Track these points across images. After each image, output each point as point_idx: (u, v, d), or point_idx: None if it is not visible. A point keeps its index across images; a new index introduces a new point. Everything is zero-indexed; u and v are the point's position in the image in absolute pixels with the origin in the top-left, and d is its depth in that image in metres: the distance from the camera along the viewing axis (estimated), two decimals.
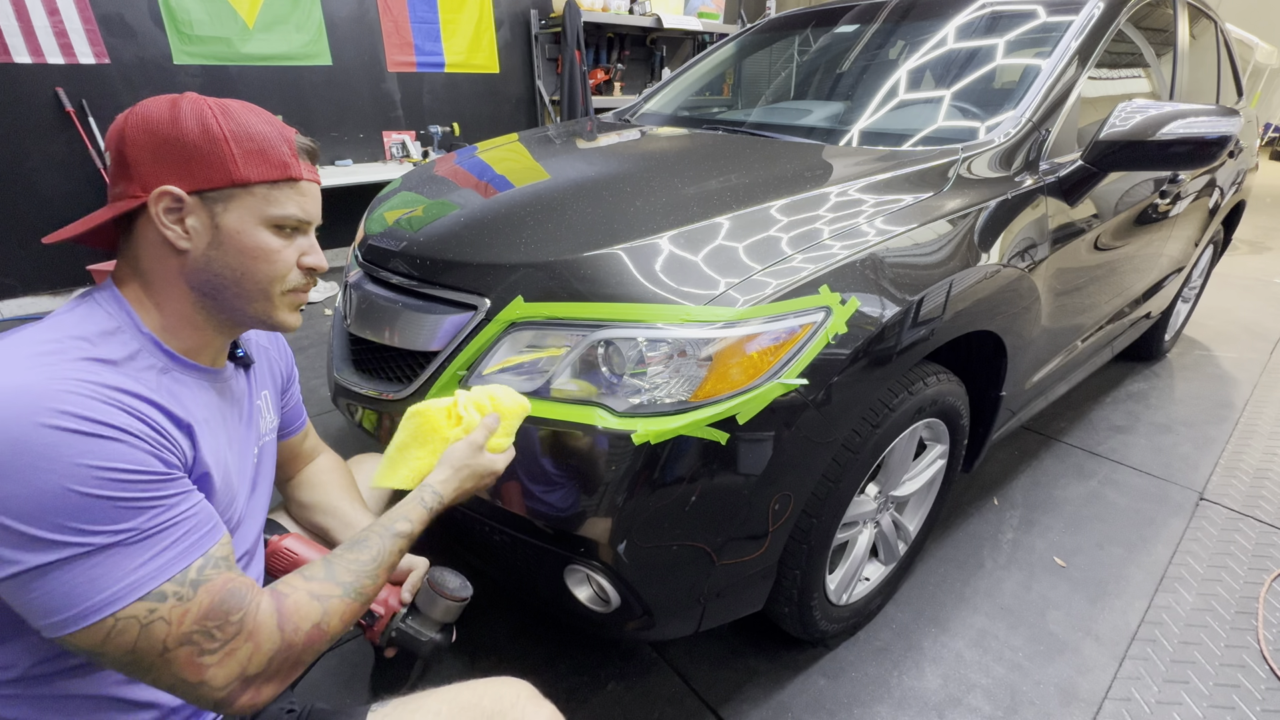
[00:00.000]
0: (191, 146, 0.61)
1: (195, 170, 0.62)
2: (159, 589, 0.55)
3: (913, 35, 1.81)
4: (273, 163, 0.65)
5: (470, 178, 1.51)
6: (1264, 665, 1.37)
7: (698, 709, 1.25)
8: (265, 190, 0.65)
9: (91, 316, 0.62)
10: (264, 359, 0.87)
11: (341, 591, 0.66)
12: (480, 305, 1.04)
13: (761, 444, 0.95)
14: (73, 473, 0.51)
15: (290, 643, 0.62)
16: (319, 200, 0.71)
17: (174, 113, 0.62)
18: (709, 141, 1.62)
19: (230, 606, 0.58)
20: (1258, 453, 2.17)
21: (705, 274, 1.00)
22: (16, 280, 3.05)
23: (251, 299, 0.67)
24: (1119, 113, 1.37)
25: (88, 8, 2.85)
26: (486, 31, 4.16)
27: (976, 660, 1.37)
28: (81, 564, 0.51)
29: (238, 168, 0.63)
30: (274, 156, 0.65)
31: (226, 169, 0.62)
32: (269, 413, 0.86)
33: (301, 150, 0.68)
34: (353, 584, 0.68)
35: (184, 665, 0.56)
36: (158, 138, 0.61)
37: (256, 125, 0.65)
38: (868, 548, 1.36)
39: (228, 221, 0.64)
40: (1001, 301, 1.28)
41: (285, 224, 0.67)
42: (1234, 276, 4.15)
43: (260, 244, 0.65)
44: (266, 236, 0.66)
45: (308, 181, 0.69)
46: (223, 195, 0.63)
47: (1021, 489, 1.94)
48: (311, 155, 0.70)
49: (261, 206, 0.65)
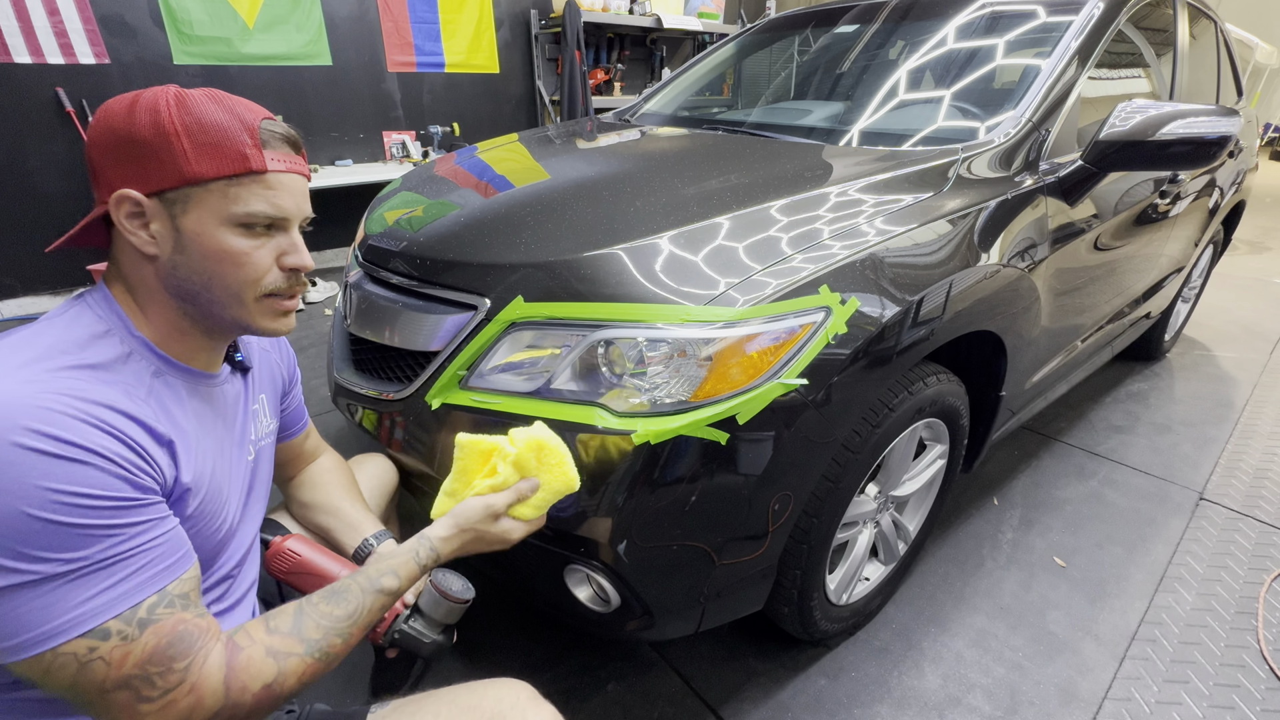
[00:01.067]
0: (143, 145, 0.57)
1: (149, 170, 0.57)
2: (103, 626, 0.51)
3: (913, 35, 1.81)
4: (228, 156, 0.59)
5: (470, 178, 1.51)
6: (1264, 665, 1.37)
7: (698, 709, 1.25)
8: (223, 187, 0.59)
9: (81, 319, 0.60)
10: (264, 362, 0.86)
11: (304, 650, 0.61)
12: (480, 305, 1.04)
13: (761, 444, 0.95)
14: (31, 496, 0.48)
15: (236, 702, 0.57)
16: (299, 193, 0.65)
17: (130, 110, 0.58)
18: (709, 142, 1.62)
19: (177, 652, 0.54)
20: (1257, 453, 2.17)
21: (705, 274, 1.00)
22: (16, 280, 3.05)
23: (224, 305, 0.63)
24: (1119, 113, 1.37)
25: (88, 8, 2.85)
26: (486, 31, 4.16)
27: (976, 660, 1.37)
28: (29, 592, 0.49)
29: (190, 164, 0.57)
30: (230, 149, 0.59)
31: (179, 166, 0.57)
32: (266, 416, 0.84)
33: (273, 138, 0.62)
34: (319, 642, 0.62)
35: (121, 710, 0.53)
36: (114, 138, 0.58)
37: (212, 115, 0.58)
38: (868, 548, 1.36)
39: (187, 224, 0.59)
40: (1001, 301, 1.28)
41: (253, 222, 0.61)
42: (1234, 276, 4.15)
43: (224, 246, 0.60)
44: (231, 238, 0.60)
45: (278, 174, 0.62)
46: (180, 196, 0.58)
47: (1021, 489, 1.94)
48: (292, 144, 0.64)
49: (222, 205, 0.59)
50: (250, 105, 0.62)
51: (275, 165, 0.62)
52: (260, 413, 0.82)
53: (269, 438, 0.85)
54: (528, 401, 0.98)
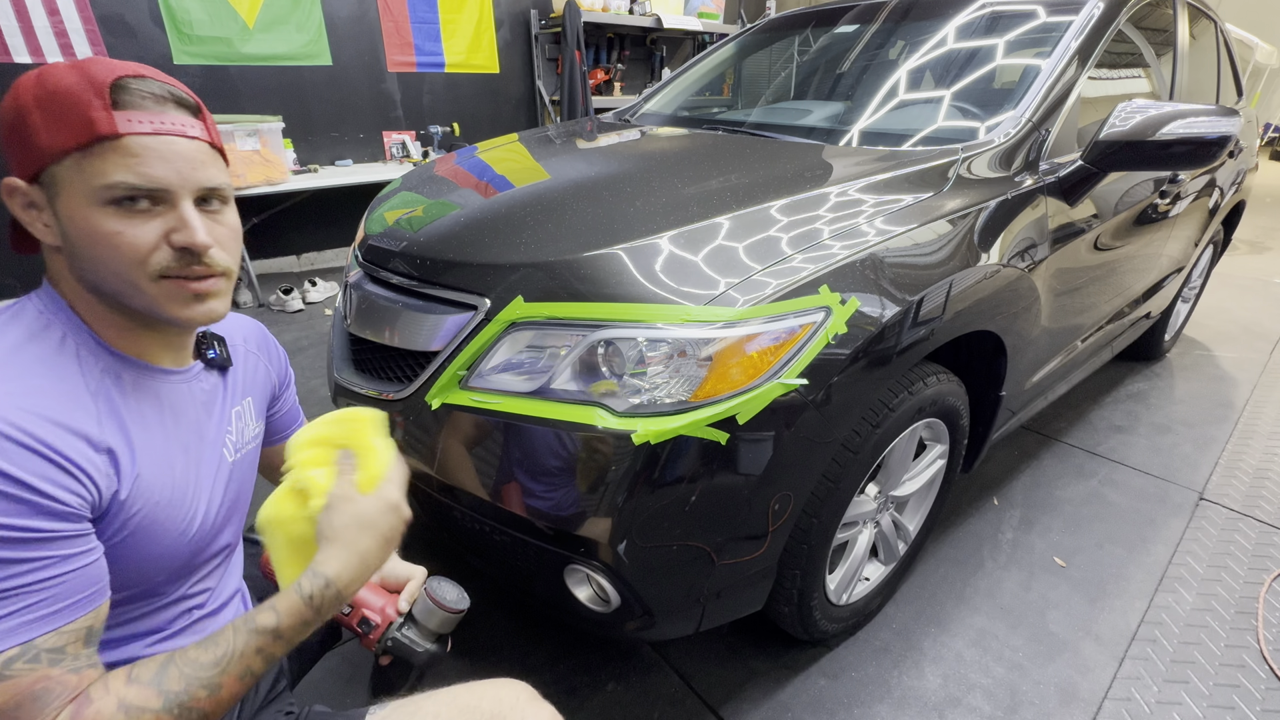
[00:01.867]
0: (10, 126, 0.53)
1: (20, 153, 0.53)
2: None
3: (913, 35, 1.81)
4: (72, 123, 0.51)
5: (470, 178, 1.51)
6: (1264, 665, 1.37)
7: (698, 709, 1.25)
8: (77, 160, 0.52)
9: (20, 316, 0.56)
10: (250, 364, 0.81)
11: (161, 704, 0.53)
12: (480, 305, 1.04)
13: (761, 444, 0.95)
14: None
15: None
16: (181, 158, 0.55)
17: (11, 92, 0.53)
18: (709, 141, 1.62)
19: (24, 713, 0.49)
20: (1257, 453, 2.17)
21: (705, 274, 1.00)
22: (15, 280, 3.05)
23: (122, 293, 0.56)
24: (1119, 113, 1.37)
25: (88, 8, 2.85)
26: (486, 31, 4.16)
27: (976, 660, 1.37)
28: None
29: (41, 137, 0.51)
30: (75, 114, 0.51)
31: (37, 144, 0.52)
32: (251, 420, 0.79)
33: (138, 97, 0.53)
34: (180, 694, 0.54)
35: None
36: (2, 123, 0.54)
37: (63, 80, 0.52)
38: (868, 548, 1.36)
39: (61, 207, 0.53)
40: (1001, 301, 1.28)
41: (122, 196, 0.53)
42: (1234, 276, 4.15)
43: (96, 227, 0.53)
44: (101, 218, 0.53)
45: (140, 136, 0.53)
46: (48, 177, 0.53)
47: (1021, 489, 1.94)
48: (174, 101, 0.56)
49: (82, 181, 0.52)
50: (119, 64, 0.55)
51: (136, 127, 0.53)
52: (244, 414, 0.78)
53: (254, 442, 0.80)
54: (528, 401, 0.97)
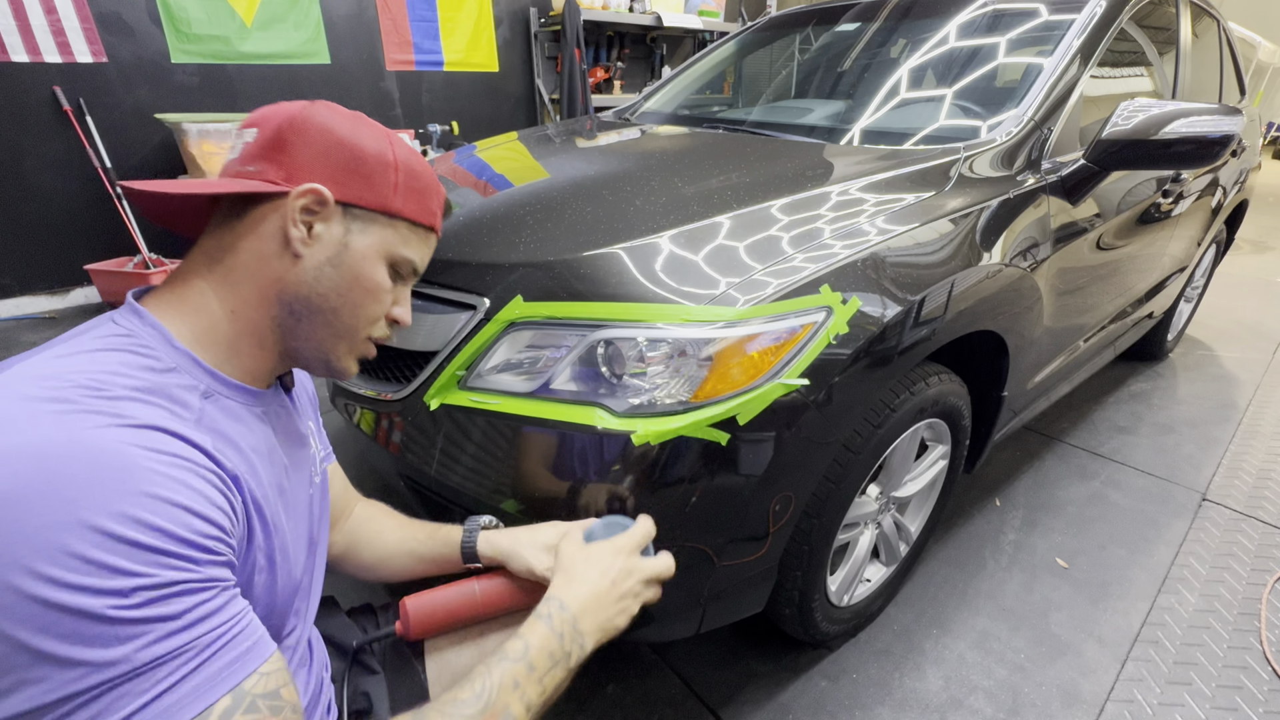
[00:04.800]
0: (363, 159, 0.58)
1: (355, 183, 0.58)
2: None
3: (914, 34, 1.80)
4: (424, 207, 0.63)
5: (469, 177, 1.50)
6: (1266, 667, 1.36)
7: (698, 711, 1.25)
8: (407, 229, 0.62)
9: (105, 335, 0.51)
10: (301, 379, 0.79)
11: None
12: (479, 305, 1.04)
13: (762, 444, 0.94)
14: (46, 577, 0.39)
15: None
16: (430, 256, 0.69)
17: (356, 122, 0.60)
18: (709, 140, 1.61)
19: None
20: (1261, 453, 2.16)
21: (705, 273, 0.99)
22: (13, 280, 3.04)
23: (335, 334, 0.61)
24: (1121, 111, 1.36)
25: (85, 6, 2.84)
26: (485, 30, 4.15)
27: (978, 662, 1.36)
28: None
29: (396, 197, 0.60)
30: (427, 202, 0.63)
31: (385, 194, 0.59)
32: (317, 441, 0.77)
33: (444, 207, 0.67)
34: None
35: None
36: (334, 137, 0.57)
37: (422, 167, 0.63)
38: (869, 549, 1.35)
39: (358, 243, 0.59)
40: (1003, 301, 1.27)
41: (401, 268, 0.63)
42: (1237, 276, 4.15)
43: (376, 278, 0.61)
44: (382, 273, 0.61)
45: (434, 235, 0.67)
46: (367, 216, 0.59)
47: (1023, 490, 1.93)
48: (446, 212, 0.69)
49: (394, 242, 0.61)
50: None
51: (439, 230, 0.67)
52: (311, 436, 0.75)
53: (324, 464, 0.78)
54: (527, 402, 0.97)
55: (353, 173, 0.58)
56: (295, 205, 0.55)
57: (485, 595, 0.80)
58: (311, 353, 0.61)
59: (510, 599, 0.80)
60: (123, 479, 0.42)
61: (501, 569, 0.82)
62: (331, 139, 0.57)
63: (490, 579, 0.81)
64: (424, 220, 0.63)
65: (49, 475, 0.40)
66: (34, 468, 0.40)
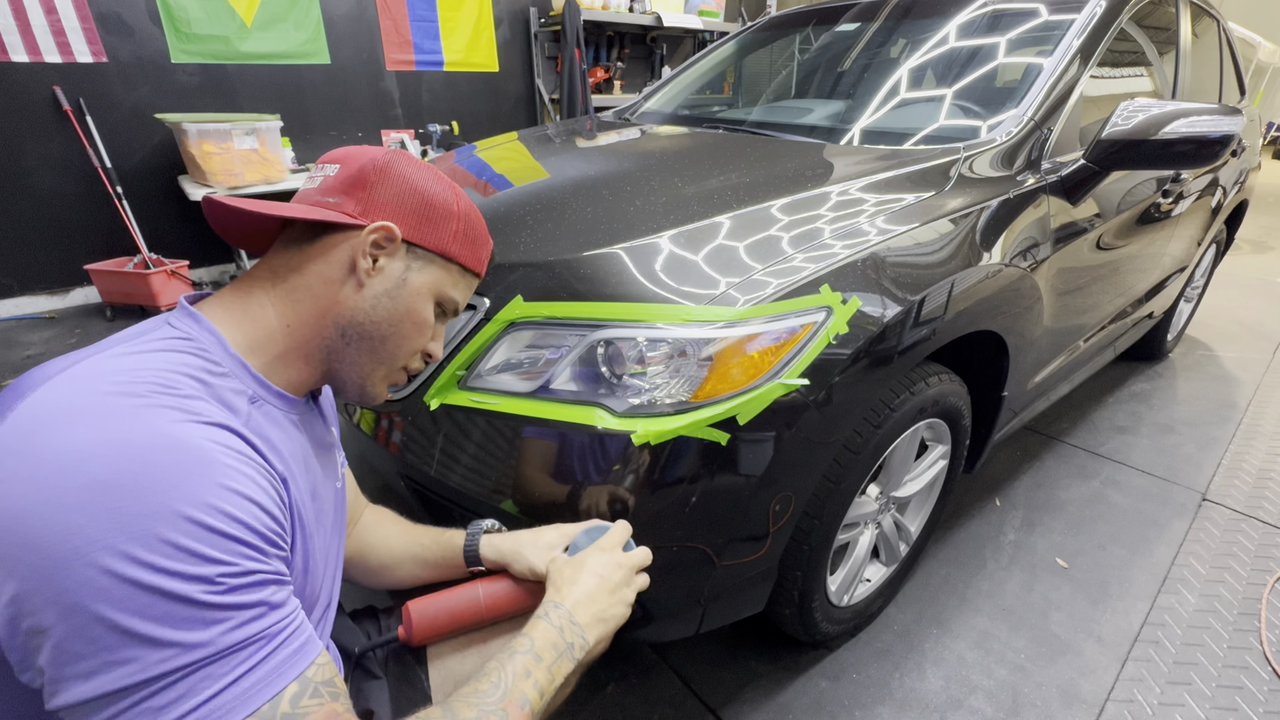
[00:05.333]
0: (432, 206, 0.64)
1: (423, 225, 0.64)
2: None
3: (914, 34, 1.80)
4: (476, 255, 0.70)
5: (469, 177, 1.50)
6: (1266, 667, 1.36)
7: (698, 711, 1.25)
8: (459, 272, 0.68)
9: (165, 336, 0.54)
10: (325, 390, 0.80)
11: None
12: (479, 305, 1.04)
13: (762, 444, 0.94)
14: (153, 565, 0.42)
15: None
16: None
17: (430, 173, 0.66)
18: (709, 140, 1.61)
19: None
20: (1261, 453, 2.16)
21: (705, 273, 0.99)
22: (14, 280, 3.04)
23: (378, 360, 0.65)
24: (1121, 111, 1.36)
25: (85, 6, 2.84)
26: (486, 30, 4.14)
27: (978, 662, 1.36)
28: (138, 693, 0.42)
29: (455, 243, 0.66)
30: (479, 251, 0.70)
31: (446, 239, 0.66)
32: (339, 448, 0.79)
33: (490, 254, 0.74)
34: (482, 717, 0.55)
35: None
36: (409, 183, 0.64)
37: (479, 219, 0.70)
38: (869, 549, 1.35)
39: (416, 279, 0.65)
40: (1003, 301, 1.27)
41: (446, 306, 0.69)
42: (1237, 276, 4.15)
43: (423, 312, 0.66)
44: (430, 309, 0.67)
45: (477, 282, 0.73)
46: (427, 257, 0.65)
47: (1023, 490, 1.93)
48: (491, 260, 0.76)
49: (445, 283, 0.67)
50: None
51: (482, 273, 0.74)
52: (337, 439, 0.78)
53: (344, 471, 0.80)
54: (527, 402, 0.97)
55: (422, 217, 0.64)
56: (369, 239, 0.61)
57: (489, 599, 0.80)
58: (350, 375, 0.65)
59: (513, 602, 0.80)
60: (206, 472, 0.45)
61: (504, 572, 0.83)
62: (407, 185, 0.63)
63: (493, 582, 0.81)
64: (474, 266, 0.70)
65: (140, 466, 0.42)
66: (124, 458, 0.42)
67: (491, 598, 0.80)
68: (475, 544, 0.85)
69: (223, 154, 2.89)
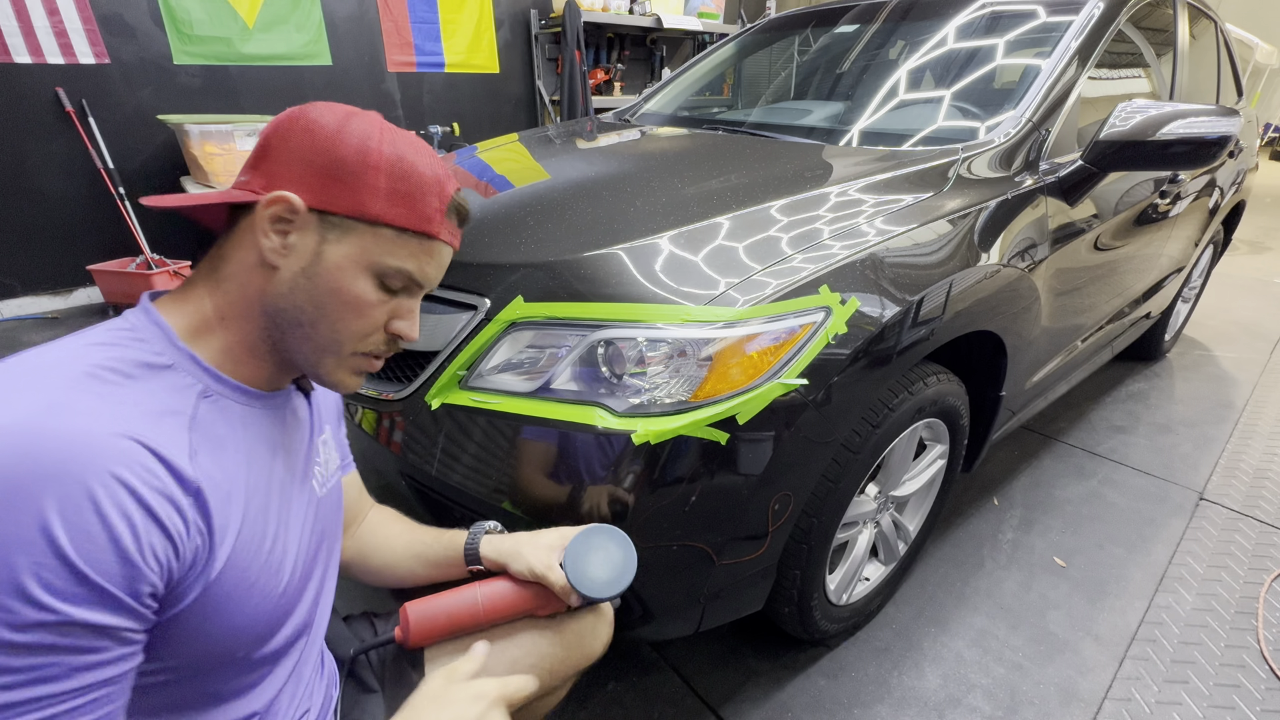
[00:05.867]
0: (338, 163, 0.54)
1: (329, 187, 0.54)
2: None
3: (913, 35, 1.81)
4: (417, 212, 0.56)
5: (470, 178, 1.51)
6: (1264, 665, 1.37)
7: (698, 709, 1.25)
8: (392, 236, 0.56)
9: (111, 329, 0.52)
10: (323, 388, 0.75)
11: None
12: (480, 305, 1.04)
13: (761, 444, 0.95)
14: None
15: None
16: (444, 266, 0.62)
17: (342, 123, 0.55)
18: (709, 141, 1.62)
19: None
20: (1258, 453, 2.17)
21: (705, 274, 1.00)
22: (16, 280, 3.05)
23: (317, 348, 0.57)
24: (1119, 113, 1.37)
25: (87, 7, 2.85)
26: (486, 31, 4.16)
27: (976, 660, 1.37)
28: None
29: (375, 201, 0.54)
30: (420, 206, 0.56)
31: (362, 200, 0.54)
32: (334, 452, 0.75)
33: (450, 209, 0.59)
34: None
35: None
36: (313, 140, 0.54)
37: (417, 166, 0.56)
38: (868, 548, 1.36)
39: (332, 253, 0.55)
40: (1001, 301, 1.28)
41: (392, 279, 0.57)
42: (1234, 276, 4.15)
43: (354, 291, 0.56)
44: (365, 285, 0.56)
45: (442, 244, 0.60)
46: (343, 224, 0.55)
47: (1021, 489, 1.94)
48: (460, 216, 0.61)
49: (377, 252, 0.56)
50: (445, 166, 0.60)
51: (445, 236, 0.60)
52: (328, 444, 0.74)
53: (337, 476, 0.75)
54: (527, 402, 0.97)
55: (328, 177, 0.53)
56: (264, 215, 0.53)
57: (487, 601, 0.80)
58: (303, 365, 0.59)
59: (512, 605, 0.81)
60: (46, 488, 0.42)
61: (503, 575, 0.83)
62: (310, 142, 0.54)
63: (492, 583, 0.82)
64: (414, 226, 0.56)
65: None
66: None
67: (490, 600, 0.80)
68: (476, 543, 0.85)
69: (225, 155, 2.90)
